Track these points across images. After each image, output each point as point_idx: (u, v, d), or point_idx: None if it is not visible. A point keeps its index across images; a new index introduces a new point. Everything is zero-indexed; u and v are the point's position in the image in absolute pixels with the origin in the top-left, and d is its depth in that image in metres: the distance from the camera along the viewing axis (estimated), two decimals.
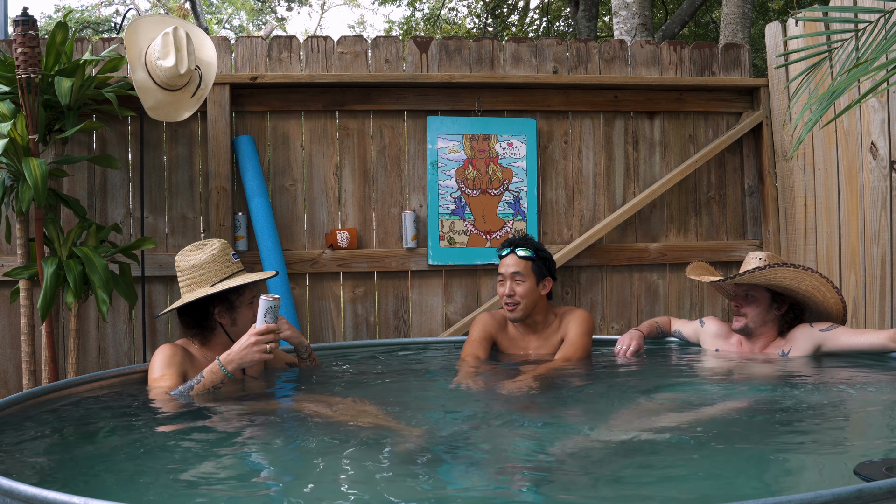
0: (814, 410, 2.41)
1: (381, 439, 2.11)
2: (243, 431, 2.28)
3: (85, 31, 14.83)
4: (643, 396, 2.69)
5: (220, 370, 2.52)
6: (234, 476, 1.92)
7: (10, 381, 3.99)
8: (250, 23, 19.04)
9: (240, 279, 2.69)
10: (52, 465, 1.99)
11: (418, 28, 14.67)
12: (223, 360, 2.53)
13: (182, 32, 3.52)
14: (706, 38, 12.15)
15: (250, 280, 2.69)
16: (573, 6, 10.46)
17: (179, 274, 2.72)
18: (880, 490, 1.41)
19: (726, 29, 6.64)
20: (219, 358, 2.54)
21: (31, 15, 3.33)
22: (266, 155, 4.26)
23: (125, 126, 4.11)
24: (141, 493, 1.77)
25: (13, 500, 1.53)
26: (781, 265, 2.91)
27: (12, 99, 3.48)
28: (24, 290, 3.51)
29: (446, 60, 4.34)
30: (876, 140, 3.83)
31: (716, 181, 4.64)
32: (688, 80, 4.51)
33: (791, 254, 4.44)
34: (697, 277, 3.18)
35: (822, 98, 2.93)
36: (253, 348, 2.51)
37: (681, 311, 4.57)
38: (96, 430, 2.35)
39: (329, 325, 4.27)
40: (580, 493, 1.75)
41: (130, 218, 4.13)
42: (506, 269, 3.20)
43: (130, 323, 4.09)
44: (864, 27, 3.16)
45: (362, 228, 4.32)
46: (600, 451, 2.03)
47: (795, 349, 3.01)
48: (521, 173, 4.35)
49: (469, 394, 2.80)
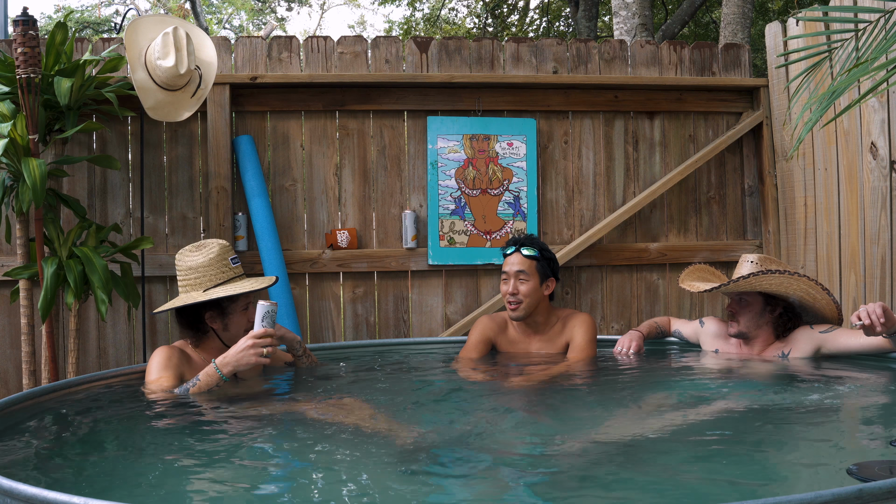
0: (813, 411, 2.41)
1: (380, 439, 2.11)
2: (242, 432, 2.28)
3: (85, 31, 14.84)
4: (643, 397, 2.69)
5: (215, 373, 2.52)
6: (234, 476, 1.92)
7: (10, 381, 3.99)
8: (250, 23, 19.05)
9: (233, 287, 2.66)
10: (52, 465, 2.00)
11: (418, 28, 14.67)
12: (219, 363, 2.53)
13: (182, 32, 3.52)
14: (706, 38, 12.15)
15: (243, 290, 2.66)
16: (573, 6, 10.46)
17: (178, 273, 2.73)
18: (880, 490, 1.41)
19: (726, 29, 6.64)
20: (214, 361, 2.54)
21: (31, 15, 3.33)
22: (266, 155, 4.26)
23: (125, 126, 4.11)
24: (141, 493, 1.78)
25: (13, 500, 1.53)
26: (767, 272, 2.91)
27: (12, 99, 3.48)
28: (24, 290, 3.51)
29: (446, 60, 4.34)
30: (876, 140, 3.83)
31: (716, 181, 4.64)
32: (688, 80, 4.51)
33: (791, 254, 4.44)
34: (688, 287, 3.17)
35: (822, 98, 2.93)
36: (249, 351, 2.51)
37: (681, 311, 4.57)
38: (96, 431, 2.35)
39: (329, 325, 4.27)
40: (579, 493, 1.75)
41: (130, 218, 4.13)
42: (510, 267, 3.20)
43: (130, 323, 4.09)
44: (864, 27, 3.16)
45: (362, 228, 4.32)
46: (599, 451, 2.04)
47: (795, 350, 3.01)
48: (521, 173, 4.35)
49: (469, 394, 2.81)
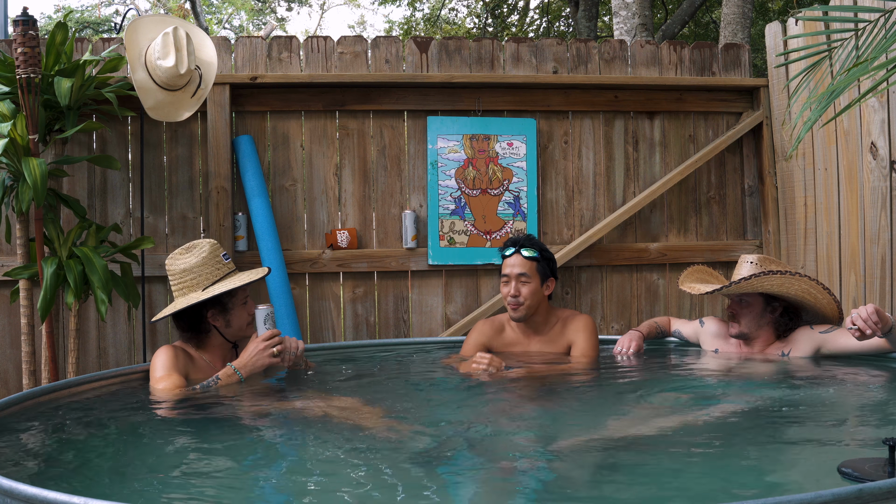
0: (812, 410, 2.41)
1: (379, 439, 2.11)
2: (243, 432, 2.28)
3: (85, 31, 14.83)
4: (643, 397, 2.69)
5: (234, 374, 2.65)
6: (234, 476, 1.92)
7: (10, 381, 3.99)
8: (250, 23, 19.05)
9: (231, 281, 2.71)
10: (52, 465, 2.00)
11: (418, 28, 14.67)
12: (237, 366, 2.66)
13: (182, 32, 3.52)
14: (706, 38, 12.15)
15: (242, 283, 2.71)
16: (573, 6, 10.46)
17: (171, 278, 2.73)
18: (880, 490, 1.41)
19: (726, 29, 6.64)
20: (232, 364, 2.67)
21: (31, 15, 3.33)
22: (266, 155, 4.26)
23: (125, 126, 4.11)
24: (141, 493, 1.78)
25: (13, 500, 1.53)
26: (769, 272, 2.91)
27: (12, 99, 3.48)
28: (24, 290, 3.51)
29: (446, 60, 4.34)
30: (876, 140, 3.83)
31: (716, 181, 4.64)
32: (688, 80, 4.51)
33: (791, 254, 4.44)
34: (687, 288, 3.16)
35: (821, 97, 2.93)
36: (263, 353, 2.68)
37: (681, 311, 4.57)
38: (96, 431, 2.35)
39: (329, 325, 4.27)
40: (578, 493, 1.75)
41: (130, 218, 4.13)
42: (511, 269, 3.18)
43: (130, 323, 4.09)
44: (864, 27, 3.16)
45: (362, 228, 4.32)
46: (599, 451, 2.04)
47: (796, 351, 3.00)
48: (521, 173, 4.35)
49: (470, 394, 2.81)
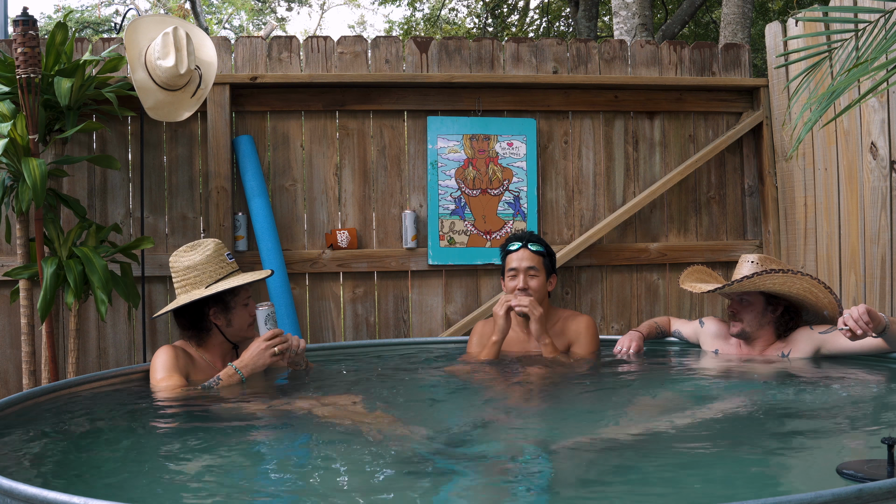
0: (812, 411, 2.41)
1: (379, 439, 2.11)
2: (243, 432, 2.28)
3: (85, 31, 14.83)
4: (642, 398, 2.70)
5: (235, 374, 2.64)
6: (234, 476, 1.92)
7: (10, 381, 3.99)
8: (250, 23, 19.05)
9: (234, 280, 2.72)
10: (52, 465, 2.00)
11: (418, 28, 14.67)
12: (238, 366, 2.66)
13: (182, 32, 3.52)
14: (706, 38, 12.14)
15: (245, 281, 2.73)
16: (573, 6, 10.46)
17: (174, 275, 2.74)
18: (880, 490, 1.41)
19: (726, 29, 6.64)
20: (233, 364, 2.66)
21: (31, 15, 3.33)
22: (266, 155, 4.26)
23: (125, 126, 4.11)
24: (141, 493, 1.78)
25: (13, 500, 1.53)
26: (770, 271, 2.91)
27: (12, 99, 3.48)
28: (24, 290, 3.51)
29: (446, 60, 4.34)
30: (876, 140, 3.83)
31: (716, 181, 4.64)
32: (688, 80, 4.50)
33: (791, 254, 4.44)
34: (689, 287, 3.17)
35: (821, 98, 2.93)
36: (265, 353, 2.68)
37: (681, 312, 4.56)
38: (96, 431, 2.35)
39: (329, 325, 4.27)
40: (579, 493, 1.75)
41: (130, 218, 4.13)
42: (519, 263, 3.20)
43: (130, 323, 4.09)
44: (864, 27, 3.16)
45: (362, 228, 4.32)
46: (599, 451, 2.04)
47: (795, 351, 3.00)
48: (521, 173, 4.35)
49: (470, 394, 2.81)
